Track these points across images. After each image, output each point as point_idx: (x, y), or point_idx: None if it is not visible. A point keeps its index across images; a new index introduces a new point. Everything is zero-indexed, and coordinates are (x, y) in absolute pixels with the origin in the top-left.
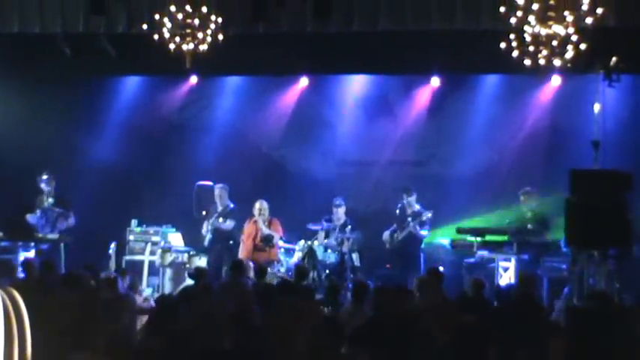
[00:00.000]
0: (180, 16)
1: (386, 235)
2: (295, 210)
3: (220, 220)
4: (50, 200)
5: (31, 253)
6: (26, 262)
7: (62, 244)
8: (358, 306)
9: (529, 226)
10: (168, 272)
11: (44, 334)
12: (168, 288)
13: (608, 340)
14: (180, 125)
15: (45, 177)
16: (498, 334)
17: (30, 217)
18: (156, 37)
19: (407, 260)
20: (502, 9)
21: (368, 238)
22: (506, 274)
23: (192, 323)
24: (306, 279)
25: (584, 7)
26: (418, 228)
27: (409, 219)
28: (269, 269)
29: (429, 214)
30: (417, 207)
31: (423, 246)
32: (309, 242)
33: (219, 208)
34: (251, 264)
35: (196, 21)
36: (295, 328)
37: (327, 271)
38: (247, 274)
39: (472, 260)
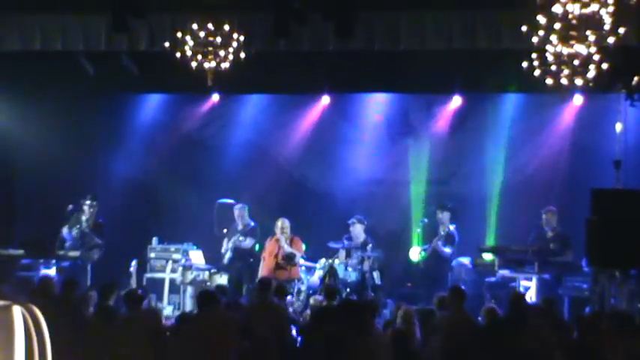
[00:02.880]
0: (202, 34)
1: (414, 252)
2: (316, 228)
3: (241, 238)
4: (89, 223)
5: (52, 271)
6: (43, 279)
7: (89, 264)
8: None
9: (551, 245)
10: (189, 290)
11: (64, 353)
12: (189, 306)
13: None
14: (201, 143)
15: (89, 200)
16: None
17: (64, 230)
18: (178, 55)
19: (433, 279)
20: (524, 28)
21: (388, 256)
22: (528, 293)
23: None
24: (335, 299)
25: (607, 27)
26: (441, 244)
27: (437, 239)
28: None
29: (450, 228)
30: (452, 227)
31: (451, 265)
32: (330, 261)
33: (240, 227)
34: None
35: (218, 39)
36: None
37: (348, 290)
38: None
39: (493, 279)
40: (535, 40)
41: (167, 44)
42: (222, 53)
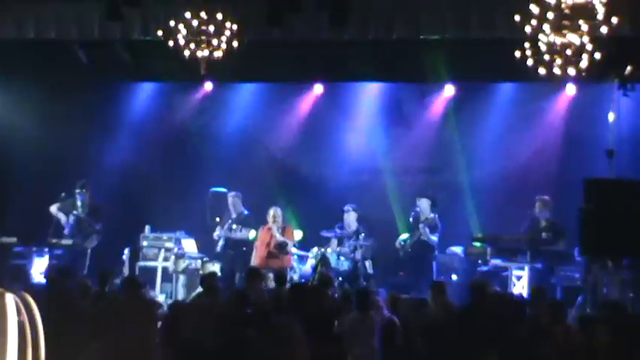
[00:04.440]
0: (195, 22)
1: (398, 242)
2: (309, 217)
3: (234, 227)
4: (85, 209)
5: (45, 259)
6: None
7: (89, 251)
8: (364, 313)
9: (543, 235)
10: (182, 278)
11: (58, 340)
12: (181, 294)
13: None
14: (194, 131)
15: (78, 188)
16: None
17: (62, 219)
18: (171, 43)
19: (419, 267)
20: (517, 18)
21: (381, 245)
22: (520, 282)
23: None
24: (330, 287)
25: (599, 17)
26: (428, 231)
27: (421, 225)
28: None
29: (435, 216)
30: (431, 215)
31: (435, 253)
32: (323, 249)
33: (233, 216)
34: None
35: (211, 27)
36: None
37: (340, 279)
38: (263, 282)
39: (486, 269)
40: (528, 29)
41: (160, 33)
42: (215, 42)
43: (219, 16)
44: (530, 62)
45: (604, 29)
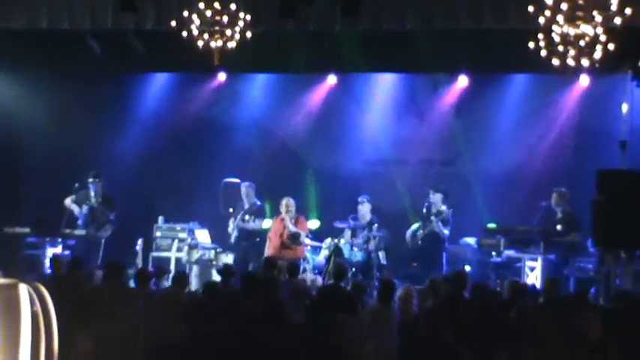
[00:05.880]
0: (208, 13)
1: (408, 233)
2: (322, 208)
3: (247, 217)
4: (98, 199)
5: (59, 249)
6: (54, 258)
7: (102, 241)
8: (384, 304)
9: (558, 226)
10: (195, 269)
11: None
12: (194, 285)
13: (636, 341)
14: (208, 122)
15: (91, 178)
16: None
17: (76, 210)
18: (184, 34)
19: (429, 259)
20: (530, 8)
21: (394, 236)
22: (533, 273)
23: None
24: (344, 278)
25: (613, 7)
26: (441, 225)
27: (432, 217)
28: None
29: (449, 211)
30: (443, 207)
31: (446, 245)
32: (336, 240)
33: (246, 206)
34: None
35: (225, 18)
36: None
37: (354, 270)
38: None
39: (499, 260)
40: (542, 20)
41: (174, 23)
42: (228, 32)
43: (233, 6)
44: (543, 53)
45: (617, 20)
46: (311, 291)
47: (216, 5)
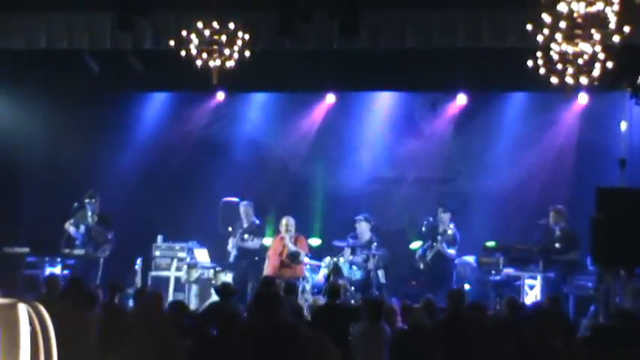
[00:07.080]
0: (207, 32)
1: (418, 253)
2: (321, 227)
3: (246, 236)
4: (94, 218)
5: (58, 269)
6: (49, 278)
7: (101, 260)
8: (373, 324)
9: (557, 244)
10: (194, 288)
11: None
12: (194, 304)
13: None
14: (206, 141)
15: (87, 198)
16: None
17: (72, 230)
18: (183, 53)
19: (437, 279)
20: (529, 27)
21: (394, 255)
22: (532, 292)
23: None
24: (339, 297)
25: (612, 25)
26: (445, 246)
27: (439, 237)
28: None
29: (455, 230)
30: (451, 226)
31: (456, 263)
32: (335, 259)
33: (245, 225)
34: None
35: (223, 37)
36: None
37: (353, 288)
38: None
39: (498, 278)
40: (540, 38)
41: (172, 42)
42: (227, 51)
43: (231, 25)
44: (542, 71)
45: (616, 38)
46: (302, 311)
47: (215, 24)
